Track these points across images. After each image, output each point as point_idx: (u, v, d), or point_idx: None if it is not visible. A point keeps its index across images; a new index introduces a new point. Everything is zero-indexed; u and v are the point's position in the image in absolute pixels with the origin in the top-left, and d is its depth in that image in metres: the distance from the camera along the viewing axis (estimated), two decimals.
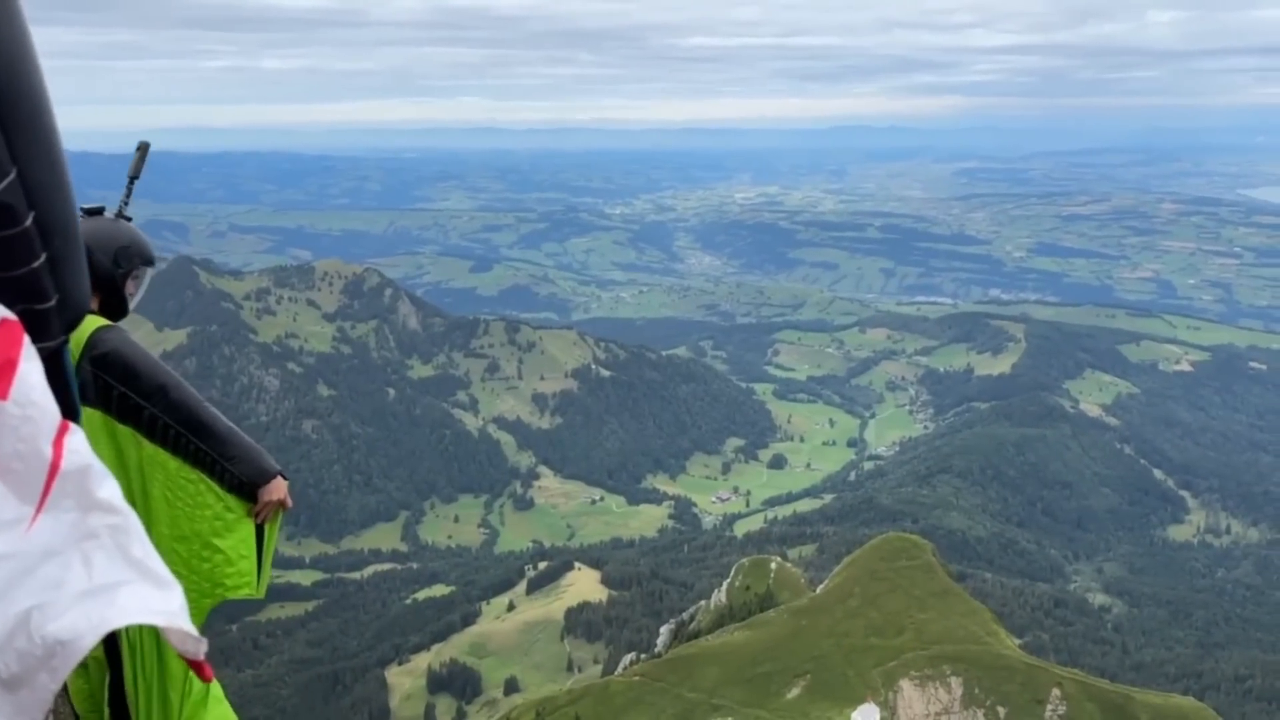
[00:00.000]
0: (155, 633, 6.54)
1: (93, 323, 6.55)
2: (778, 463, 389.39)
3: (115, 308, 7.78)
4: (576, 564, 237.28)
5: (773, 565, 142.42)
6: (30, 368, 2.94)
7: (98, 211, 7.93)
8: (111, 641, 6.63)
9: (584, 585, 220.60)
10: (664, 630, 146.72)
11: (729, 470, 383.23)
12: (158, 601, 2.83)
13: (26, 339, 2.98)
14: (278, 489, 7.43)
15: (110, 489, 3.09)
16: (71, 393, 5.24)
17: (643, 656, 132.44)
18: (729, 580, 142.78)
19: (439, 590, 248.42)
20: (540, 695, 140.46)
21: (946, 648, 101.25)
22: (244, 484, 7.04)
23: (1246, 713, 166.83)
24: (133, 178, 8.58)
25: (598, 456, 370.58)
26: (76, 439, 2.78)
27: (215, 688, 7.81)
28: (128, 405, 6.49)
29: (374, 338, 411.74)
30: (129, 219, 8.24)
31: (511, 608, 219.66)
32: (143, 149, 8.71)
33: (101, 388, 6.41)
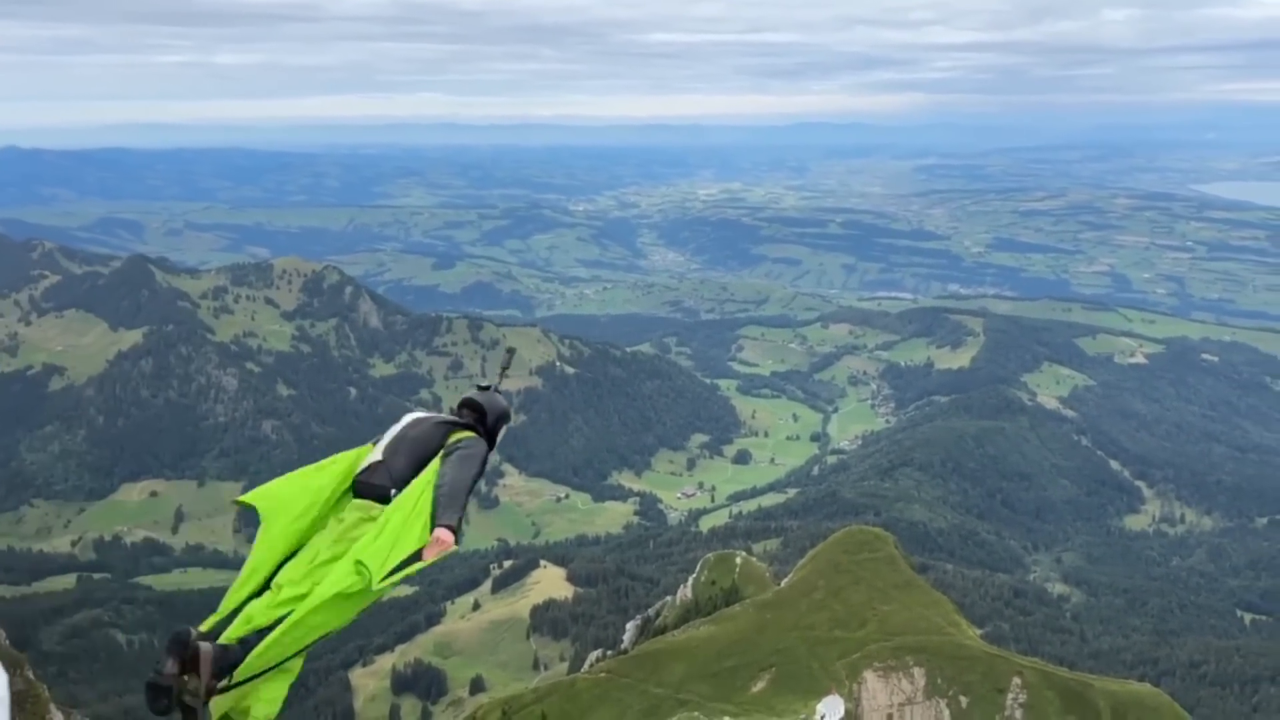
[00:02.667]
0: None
1: (464, 434, 12.05)
2: (742, 458, 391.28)
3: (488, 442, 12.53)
4: (542, 562, 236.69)
5: (738, 560, 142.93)
6: None
7: (486, 388, 12.83)
8: None
9: (550, 583, 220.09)
10: (630, 626, 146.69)
11: (694, 466, 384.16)
12: None
13: None
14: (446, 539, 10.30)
15: None
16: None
17: (609, 653, 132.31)
18: (694, 575, 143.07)
19: (402, 591, 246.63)
20: (506, 694, 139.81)
21: (909, 639, 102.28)
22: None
23: (1201, 698, 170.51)
24: (504, 369, 13.56)
25: (563, 454, 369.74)
26: None
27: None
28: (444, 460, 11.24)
29: (334, 336, 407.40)
30: (501, 391, 13.07)
31: (476, 607, 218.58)
32: (510, 352, 13.81)
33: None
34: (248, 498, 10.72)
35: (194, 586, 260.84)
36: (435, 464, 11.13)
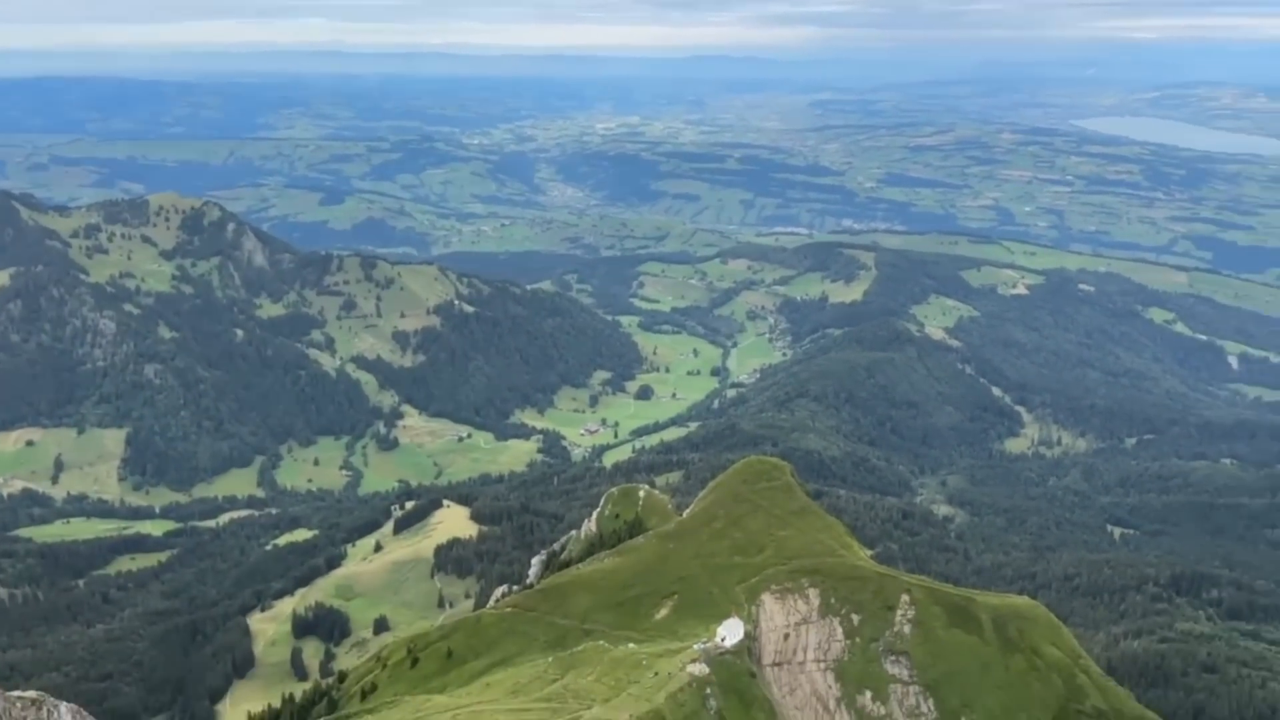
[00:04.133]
0: None
1: None
2: (644, 394, 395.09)
3: None
4: (445, 502, 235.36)
5: (641, 493, 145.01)
6: None
7: None
8: None
9: (453, 522, 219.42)
10: (535, 562, 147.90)
11: (597, 403, 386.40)
12: None
13: None
14: None
15: None
16: None
17: (515, 589, 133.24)
18: (599, 510, 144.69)
19: (301, 535, 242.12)
20: (411, 633, 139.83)
21: (804, 562, 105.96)
22: None
23: (1074, 607, 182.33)
24: None
25: (464, 394, 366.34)
26: None
27: None
28: None
29: (218, 276, 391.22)
30: None
31: (379, 548, 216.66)
32: None
33: None
34: None
35: (78, 537, 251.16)
36: None
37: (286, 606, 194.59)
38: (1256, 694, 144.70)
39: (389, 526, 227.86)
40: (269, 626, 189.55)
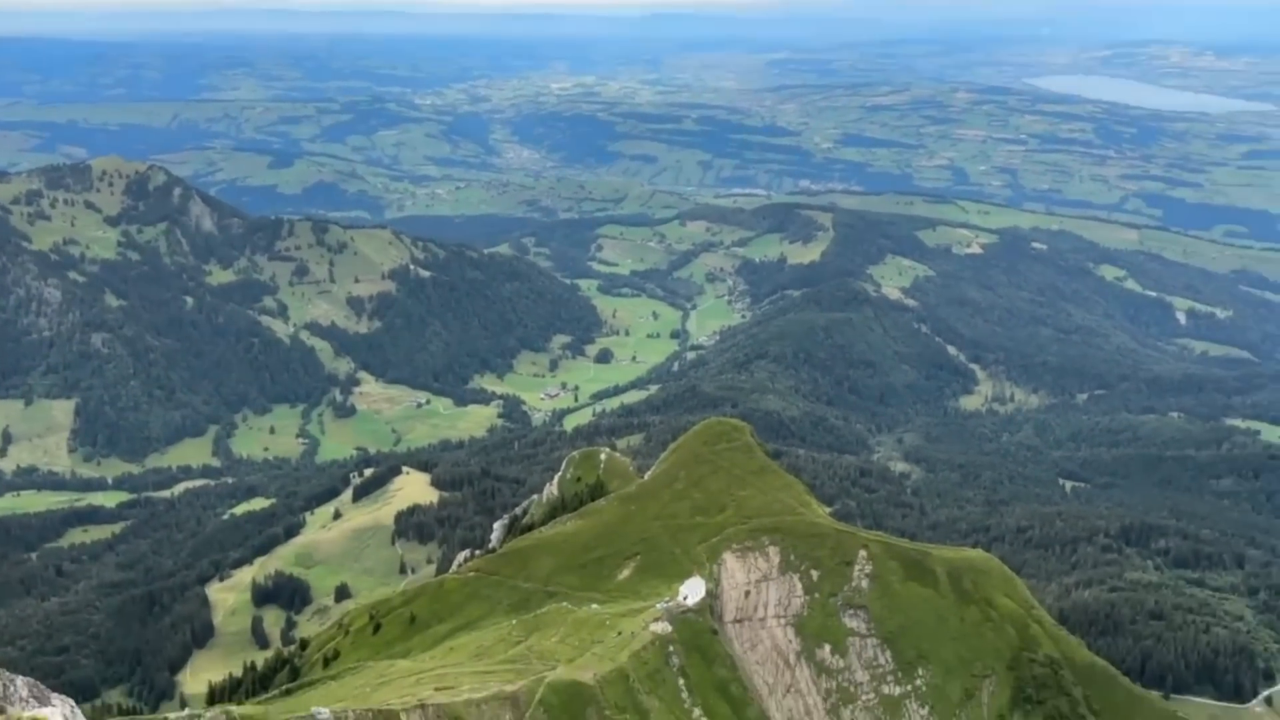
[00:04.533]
0: None
1: None
2: (604, 357, 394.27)
3: None
4: (405, 468, 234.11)
5: (602, 456, 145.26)
6: None
7: None
8: None
9: (413, 489, 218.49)
10: (497, 526, 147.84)
11: (556, 367, 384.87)
12: None
13: None
14: None
15: None
16: None
17: (477, 553, 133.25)
18: (560, 473, 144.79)
19: (258, 504, 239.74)
20: (373, 599, 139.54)
21: (764, 520, 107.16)
22: None
23: (1027, 559, 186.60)
24: None
25: (421, 359, 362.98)
26: None
27: None
28: None
29: (165, 242, 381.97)
30: None
31: (338, 516, 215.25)
32: None
33: None
34: None
35: (29, 510, 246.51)
36: None
37: (245, 575, 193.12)
38: (1201, 639, 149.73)
39: (348, 494, 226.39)
40: (228, 596, 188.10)
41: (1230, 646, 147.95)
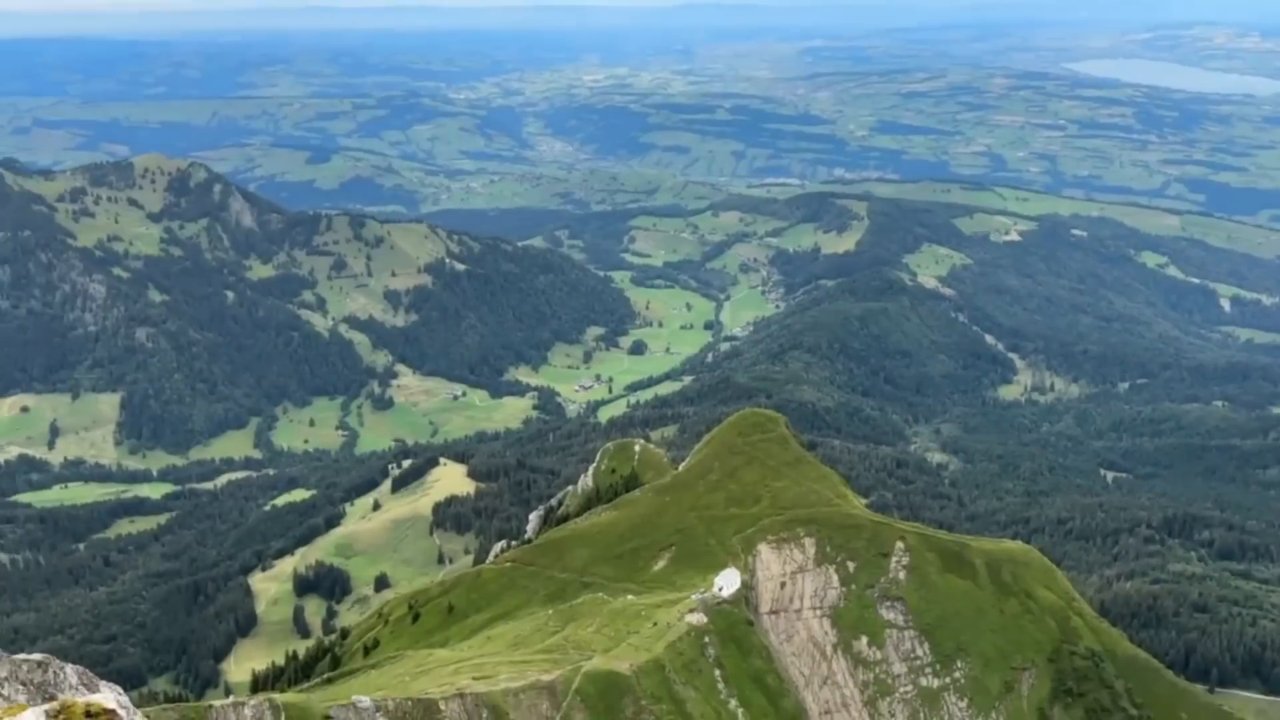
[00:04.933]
0: None
1: None
2: (638, 349, 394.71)
3: None
4: (442, 459, 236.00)
5: (636, 447, 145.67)
6: None
7: None
8: None
9: (450, 480, 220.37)
10: (533, 517, 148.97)
11: (590, 359, 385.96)
12: None
13: None
14: None
15: None
16: None
17: (513, 544, 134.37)
18: (595, 465, 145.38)
19: (299, 495, 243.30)
20: (412, 589, 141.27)
21: (800, 511, 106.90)
22: None
23: (1068, 551, 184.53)
24: None
25: (457, 352, 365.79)
26: None
27: None
28: None
29: (206, 238, 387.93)
30: None
31: (377, 507, 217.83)
32: None
33: None
34: None
35: (77, 501, 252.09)
36: None
37: (287, 566, 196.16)
38: (1247, 632, 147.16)
39: (387, 485, 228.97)
40: (270, 586, 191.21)
41: (1278, 639, 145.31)
